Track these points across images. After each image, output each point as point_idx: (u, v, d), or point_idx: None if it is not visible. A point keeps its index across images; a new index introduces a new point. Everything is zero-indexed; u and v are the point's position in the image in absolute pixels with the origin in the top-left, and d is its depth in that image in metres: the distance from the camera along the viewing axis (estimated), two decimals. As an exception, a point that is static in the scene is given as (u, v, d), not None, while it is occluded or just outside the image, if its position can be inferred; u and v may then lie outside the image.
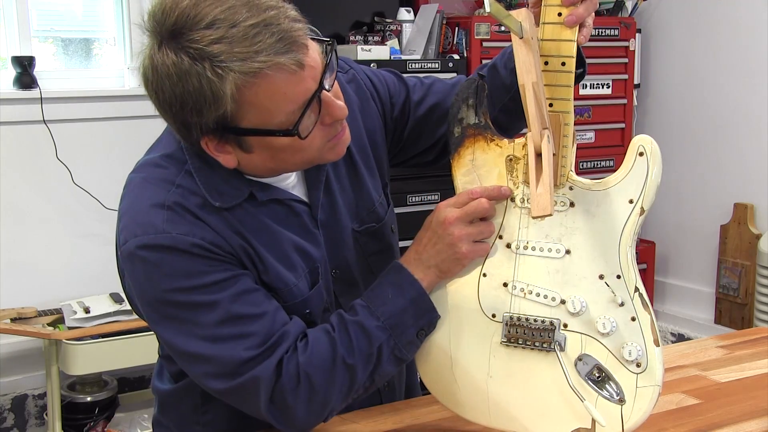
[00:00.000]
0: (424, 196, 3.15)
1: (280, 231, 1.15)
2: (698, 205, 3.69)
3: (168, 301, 1.07)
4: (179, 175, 1.10)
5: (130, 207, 1.11)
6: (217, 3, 0.99)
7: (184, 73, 0.98)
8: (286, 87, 1.00)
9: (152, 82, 1.02)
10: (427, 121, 1.32)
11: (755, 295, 3.38)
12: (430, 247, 1.14)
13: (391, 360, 1.13)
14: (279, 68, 0.99)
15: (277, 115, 1.02)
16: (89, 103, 3.05)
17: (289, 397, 1.09)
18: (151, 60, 1.01)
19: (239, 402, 1.12)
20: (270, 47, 0.98)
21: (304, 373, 1.09)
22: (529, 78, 1.08)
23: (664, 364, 1.08)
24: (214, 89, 0.98)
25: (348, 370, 1.11)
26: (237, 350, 1.07)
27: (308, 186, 1.20)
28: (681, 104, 3.75)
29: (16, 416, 3.04)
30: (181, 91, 0.99)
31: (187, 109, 1.01)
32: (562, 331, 1.11)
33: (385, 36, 3.31)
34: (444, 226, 1.13)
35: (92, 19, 3.27)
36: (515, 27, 1.05)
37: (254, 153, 1.07)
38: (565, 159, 1.11)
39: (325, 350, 1.11)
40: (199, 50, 0.97)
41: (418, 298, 1.13)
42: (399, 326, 1.12)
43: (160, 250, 1.06)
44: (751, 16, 3.40)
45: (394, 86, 1.32)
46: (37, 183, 3.00)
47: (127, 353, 2.75)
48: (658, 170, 1.07)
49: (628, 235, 1.08)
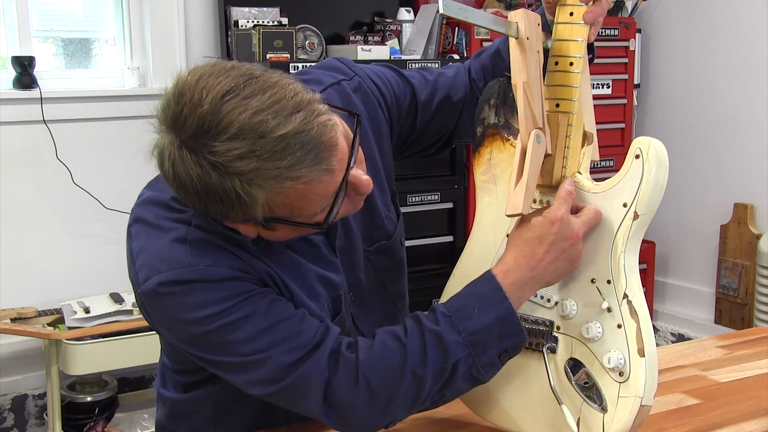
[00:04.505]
0: (424, 196, 3.14)
1: (303, 262, 1.13)
2: (698, 205, 3.69)
3: (202, 332, 1.03)
4: (194, 216, 1.06)
5: (147, 245, 1.06)
6: (240, 105, 0.91)
7: (208, 180, 0.93)
8: (318, 191, 0.97)
9: (173, 178, 0.96)
10: (435, 119, 1.30)
11: (755, 295, 3.37)
12: (548, 264, 1.05)
13: (466, 378, 1.06)
14: (310, 181, 0.95)
15: (308, 211, 0.99)
16: (89, 103, 3.05)
17: (346, 396, 1.04)
18: (171, 159, 0.94)
19: (290, 403, 1.08)
20: (301, 160, 0.93)
21: (363, 374, 1.04)
22: (520, 78, 1.08)
23: (653, 376, 1.03)
24: (242, 200, 0.93)
25: (415, 380, 1.04)
26: (280, 354, 1.03)
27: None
28: (681, 104, 3.75)
29: (16, 416, 3.04)
30: (205, 195, 0.94)
31: (212, 209, 0.97)
32: (555, 334, 1.11)
33: (385, 36, 3.31)
34: (572, 243, 1.05)
35: (92, 19, 3.27)
36: (483, 24, 1.05)
37: (278, 231, 1.04)
38: (567, 160, 1.10)
39: (393, 356, 1.05)
40: (225, 164, 0.91)
41: (507, 318, 1.05)
42: (481, 344, 1.04)
43: (187, 283, 1.02)
44: (751, 16, 3.40)
45: (399, 87, 1.29)
46: (37, 183, 3.00)
47: (127, 353, 2.75)
48: (658, 173, 1.03)
49: (621, 239, 1.05)
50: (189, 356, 1.09)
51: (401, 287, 1.34)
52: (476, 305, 1.05)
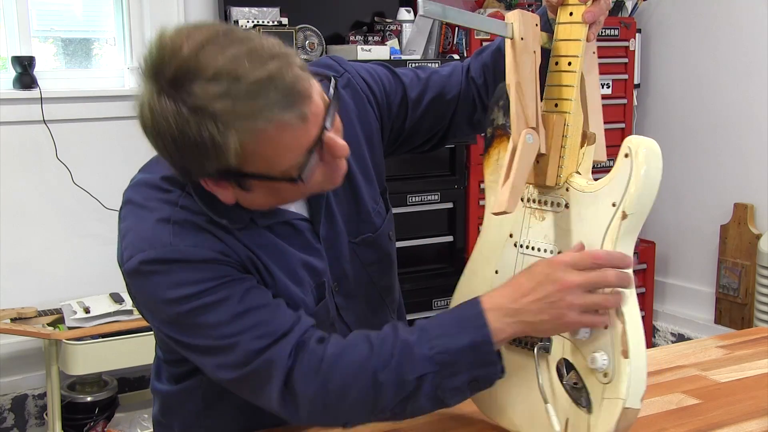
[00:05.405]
0: (424, 196, 3.14)
1: (286, 248, 1.14)
2: (698, 205, 3.69)
3: (178, 312, 1.05)
4: (181, 197, 1.09)
5: (133, 225, 1.09)
6: (218, 51, 0.95)
7: (185, 126, 0.95)
8: (291, 140, 0.99)
9: (151, 128, 0.99)
10: (426, 117, 1.31)
11: (755, 295, 3.37)
12: (531, 302, 1.03)
13: (430, 398, 1.05)
14: (283, 125, 0.97)
15: (281, 164, 1.00)
16: (89, 103, 3.05)
17: (304, 386, 1.04)
18: (150, 107, 0.97)
19: (253, 390, 1.08)
20: (274, 104, 0.96)
21: (325, 368, 1.04)
22: (513, 78, 1.08)
23: (638, 379, 1.02)
24: (217, 144, 0.96)
25: (375, 384, 1.04)
26: (249, 341, 1.04)
27: (309, 202, 1.19)
28: (681, 104, 3.75)
29: (16, 416, 3.04)
30: (182, 142, 0.97)
31: (188, 158, 0.99)
32: None
33: (385, 36, 3.31)
34: (558, 290, 1.01)
35: (92, 19, 3.27)
36: (466, 24, 1.06)
37: (254, 192, 1.05)
38: (563, 160, 1.10)
39: (358, 355, 1.05)
40: (202, 106, 0.94)
41: (482, 345, 1.03)
42: (450, 366, 1.03)
43: (168, 263, 1.04)
44: (751, 16, 3.40)
45: (390, 85, 1.30)
46: (37, 183, 3.00)
47: (127, 353, 2.75)
48: (647, 171, 1.01)
49: (610, 239, 1.04)
50: (168, 340, 1.12)
51: (389, 281, 1.33)
52: (455, 325, 1.05)
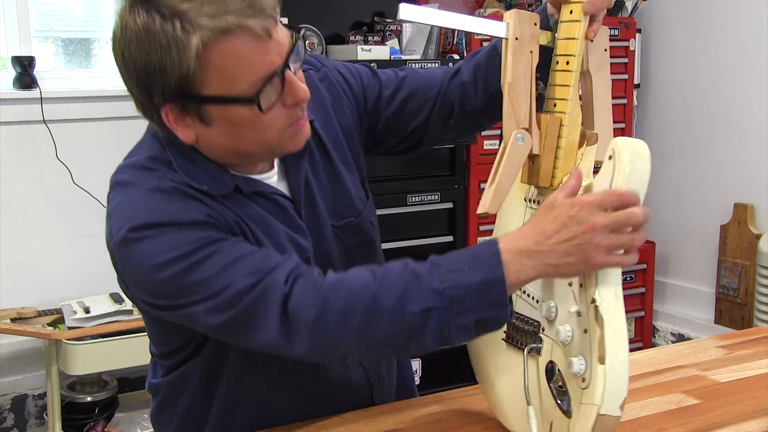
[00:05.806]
0: (424, 196, 3.14)
1: (272, 220, 1.15)
2: (698, 205, 3.69)
3: (169, 275, 1.04)
4: (168, 173, 1.10)
5: (122, 200, 1.10)
6: None
7: (152, 32, 0.99)
8: (252, 53, 1.01)
9: (120, 41, 1.03)
10: (400, 115, 1.31)
11: (755, 295, 3.37)
12: (556, 244, 0.98)
13: (435, 335, 1.00)
14: (246, 31, 1.00)
15: (240, 83, 1.02)
16: (89, 103, 3.05)
17: (303, 312, 1.01)
18: (121, 20, 1.02)
19: (248, 329, 1.04)
20: (240, 10, 0.99)
21: (326, 294, 1.02)
22: (506, 78, 1.08)
23: (616, 386, 0.99)
24: (180, 45, 0.99)
25: (377, 313, 1.00)
26: (240, 279, 1.03)
27: (289, 183, 1.20)
28: (681, 104, 3.75)
29: (16, 416, 3.04)
30: (147, 49, 1.00)
31: (151, 69, 1.01)
32: (541, 335, 1.10)
33: (385, 36, 3.31)
34: (585, 231, 0.97)
35: (92, 19, 3.27)
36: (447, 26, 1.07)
37: (214, 126, 1.06)
38: (558, 160, 1.09)
39: (360, 283, 1.02)
40: (170, 8, 0.99)
41: (494, 283, 0.99)
42: (459, 302, 0.99)
43: (157, 226, 1.04)
44: (751, 16, 3.40)
45: (368, 81, 1.31)
46: (37, 183, 3.00)
47: (127, 353, 2.75)
48: (631, 173, 0.98)
49: None
50: (157, 311, 1.10)
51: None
52: (468, 262, 1.01)
